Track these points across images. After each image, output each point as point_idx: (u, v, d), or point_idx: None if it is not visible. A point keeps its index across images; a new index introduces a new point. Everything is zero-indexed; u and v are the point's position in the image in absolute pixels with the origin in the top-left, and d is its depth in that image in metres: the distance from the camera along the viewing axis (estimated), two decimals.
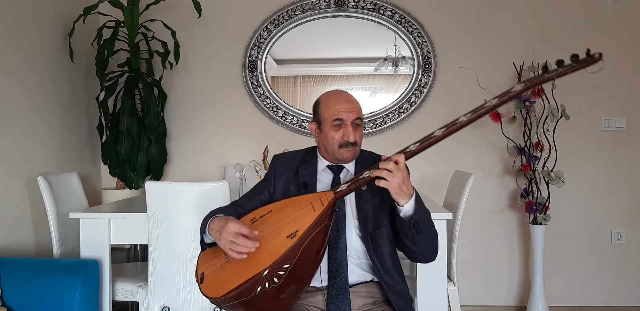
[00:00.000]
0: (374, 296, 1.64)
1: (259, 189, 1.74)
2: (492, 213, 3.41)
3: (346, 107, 1.61)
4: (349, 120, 1.61)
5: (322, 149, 1.68)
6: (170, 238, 2.12)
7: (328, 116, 1.62)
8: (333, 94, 1.67)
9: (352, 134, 1.60)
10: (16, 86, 2.63)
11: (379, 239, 1.61)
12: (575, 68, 1.45)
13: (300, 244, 1.42)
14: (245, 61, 3.49)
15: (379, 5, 3.42)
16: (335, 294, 1.57)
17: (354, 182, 1.50)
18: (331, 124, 1.61)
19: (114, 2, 3.17)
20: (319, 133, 1.66)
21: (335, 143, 1.61)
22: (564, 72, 1.45)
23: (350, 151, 1.62)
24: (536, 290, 3.11)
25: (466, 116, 1.49)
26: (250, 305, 1.43)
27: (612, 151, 3.34)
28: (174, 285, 2.13)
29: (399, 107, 3.44)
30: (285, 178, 1.70)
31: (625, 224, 3.34)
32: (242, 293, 1.39)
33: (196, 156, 3.54)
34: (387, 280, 1.60)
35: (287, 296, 1.46)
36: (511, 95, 1.48)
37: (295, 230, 1.44)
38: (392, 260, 1.63)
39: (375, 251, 1.60)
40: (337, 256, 1.58)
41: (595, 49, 1.52)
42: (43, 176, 2.44)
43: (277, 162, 1.74)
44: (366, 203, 1.63)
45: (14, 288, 1.99)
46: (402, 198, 1.45)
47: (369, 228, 1.61)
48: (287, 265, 1.40)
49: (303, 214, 1.49)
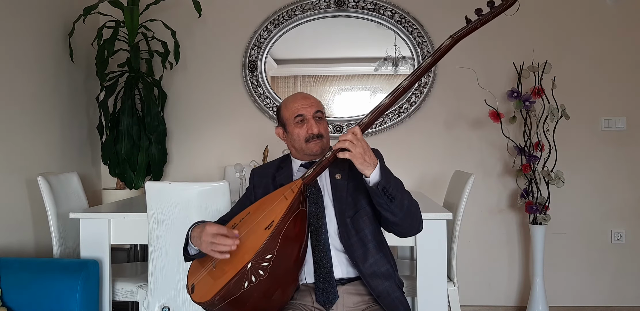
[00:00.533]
0: (363, 294, 1.65)
1: (242, 201, 1.79)
2: (492, 213, 3.41)
3: (304, 103, 1.67)
4: (309, 114, 1.66)
5: (292, 149, 1.73)
6: (170, 238, 2.12)
7: (289, 115, 1.68)
8: (290, 96, 1.74)
9: (316, 127, 1.65)
10: (16, 86, 2.63)
11: (360, 221, 1.63)
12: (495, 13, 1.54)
13: (278, 232, 1.44)
14: (245, 60, 3.49)
15: (379, 5, 3.42)
16: (322, 284, 1.59)
17: (318, 164, 1.55)
18: (294, 123, 1.66)
19: (114, 2, 3.17)
20: (286, 135, 1.72)
21: (301, 139, 1.66)
22: (485, 19, 1.53)
23: (318, 144, 1.66)
24: (536, 289, 3.11)
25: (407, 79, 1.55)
26: (241, 305, 1.43)
27: (612, 151, 3.34)
28: (174, 285, 2.13)
29: (399, 107, 3.44)
30: (264, 184, 1.74)
31: (626, 224, 3.34)
32: (230, 292, 1.40)
33: (196, 156, 3.54)
34: (370, 262, 1.61)
35: (277, 293, 1.47)
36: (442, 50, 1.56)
37: (272, 221, 1.47)
38: (376, 241, 1.65)
39: (358, 235, 1.62)
40: (320, 246, 1.60)
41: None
42: (43, 176, 2.44)
43: (255, 173, 1.81)
44: (343, 190, 1.66)
45: (14, 288, 1.99)
46: (367, 167, 1.47)
47: (349, 213, 1.63)
48: (269, 254, 1.41)
49: (277, 205, 1.52)
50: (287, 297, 1.55)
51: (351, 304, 1.63)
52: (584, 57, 3.35)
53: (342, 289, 1.62)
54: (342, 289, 1.62)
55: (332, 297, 1.59)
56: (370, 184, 1.49)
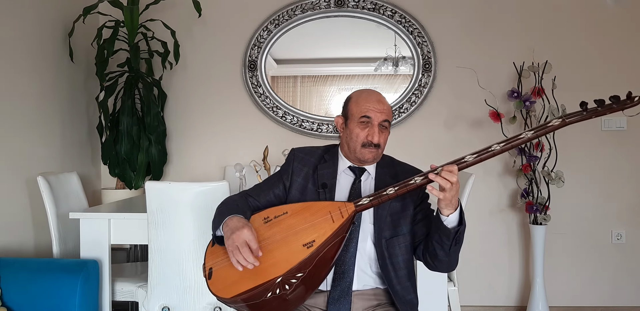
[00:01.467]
0: (379, 299, 1.63)
1: (274, 182, 1.69)
2: (493, 213, 3.41)
3: (377, 107, 1.59)
4: (377, 120, 1.58)
5: (345, 145, 1.64)
6: (170, 238, 2.12)
7: (356, 112, 1.59)
8: (365, 92, 1.65)
9: (377, 135, 1.57)
10: (16, 86, 2.63)
11: (396, 247, 1.59)
12: (614, 110, 1.45)
13: (316, 255, 1.41)
14: (245, 60, 3.49)
15: (379, 5, 3.41)
16: (337, 296, 1.56)
17: (376, 197, 1.48)
18: (358, 121, 1.58)
19: (114, 2, 3.17)
20: (344, 128, 1.64)
21: (358, 141, 1.58)
22: (602, 112, 1.45)
23: (373, 153, 1.58)
24: (536, 290, 3.11)
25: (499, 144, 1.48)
26: (258, 308, 1.43)
27: (613, 151, 3.34)
28: (174, 285, 2.13)
29: (399, 107, 3.44)
30: (304, 175, 1.65)
31: (626, 224, 3.34)
32: (252, 297, 1.39)
33: (196, 156, 3.54)
34: (398, 289, 1.59)
35: (294, 300, 1.46)
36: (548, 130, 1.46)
37: (313, 240, 1.43)
38: (407, 269, 1.61)
39: (390, 259, 1.58)
40: (345, 260, 1.56)
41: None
42: (43, 176, 2.44)
43: (296, 157, 1.69)
44: (385, 209, 1.59)
45: (14, 288, 1.99)
46: (449, 208, 1.43)
47: (385, 235, 1.58)
48: (301, 274, 1.40)
49: (321, 223, 1.46)
50: (302, 302, 1.53)
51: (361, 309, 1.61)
52: (584, 57, 3.35)
53: (355, 293, 1.59)
54: (355, 293, 1.59)
55: None
56: (445, 223, 1.45)
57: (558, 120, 1.45)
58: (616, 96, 1.45)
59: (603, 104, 1.44)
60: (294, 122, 3.48)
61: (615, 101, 1.44)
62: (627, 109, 1.44)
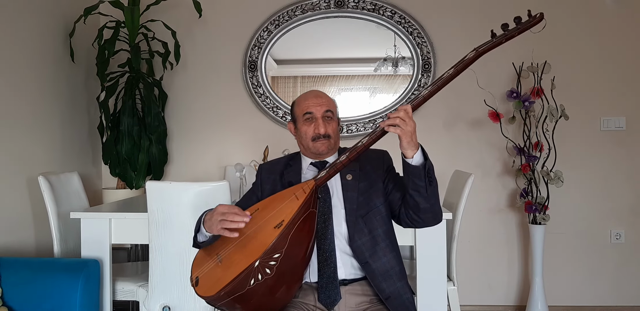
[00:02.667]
0: (369, 295, 1.65)
1: (248, 196, 1.79)
2: (492, 213, 3.41)
3: (315, 102, 1.68)
4: (319, 113, 1.67)
5: (301, 146, 1.74)
6: (170, 237, 2.12)
7: (299, 112, 1.70)
8: (304, 93, 1.76)
9: (323, 127, 1.65)
10: (17, 86, 2.64)
11: (373, 220, 1.64)
12: (520, 29, 1.52)
13: (287, 232, 1.44)
14: (246, 61, 3.49)
15: (379, 6, 3.42)
16: (325, 283, 1.59)
17: (332, 167, 1.55)
18: (303, 120, 1.69)
19: (115, 2, 3.17)
20: (297, 132, 1.74)
21: (308, 137, 1.67)
22: (510, 34, 1.52)
23: (325, 144, 1.66)
24: (536, 289, 3.11)
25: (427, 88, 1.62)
26: (246, 301, 1.43)
27: (612, 151, 3.35)
28: (175, 285, 2.14)
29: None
30: (272, 181, 1.74)
31: (625, 224, 3.35)
32: (235, 288, 1.40)
33: (196, 156, 3.55)
34: (375, 266, 1.60)
35: (282, 291, 1.47)
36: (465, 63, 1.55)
37: (282, 220, 1.47)
38: (389, 239, 1.65)
39: (371, 233, 1.62)
40: (325, 246, 1.60)
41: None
42: (44, 176, 2.44)
43: (263, 169, 1.81)
44: (354, 191, 1.66)
45: (14, 287, 1.99)
46: (412, 148, 1.47)
47: (360, 213, 1.63)
48: (277, 254, 1.41)
49: (287, 204, 1.51)
50: (291, 295, 1.56)
51: (354, 304, 1.63)
52: (583, 57, 3.36)
53: (345, 289, 1.62)
54: (345, 289, 1.62)
55: (334, 297, 1.59)
56: (413, 164, 1.48)
57: (472, 52, 1.54)
58: (519, 17, 1.53)
59: (507, 27, 1.52)
60: None
61: (519, 21, 1.53)
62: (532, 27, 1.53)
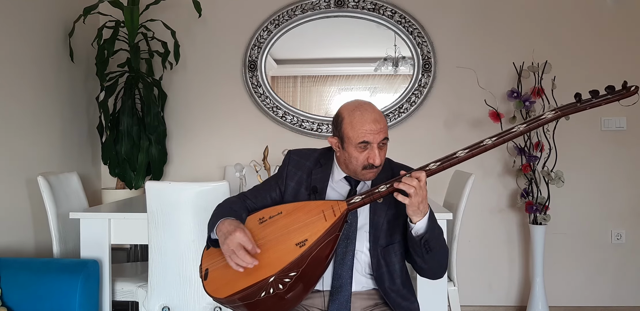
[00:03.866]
0: (375, 299, 1.63)
1: (270, 185, 1.68)
2: (492, 213, 3.41)
3: (373, 129, 1.48)
4: (376, 142, 1.49)
5: (342, 164, 1.59)
6: (170, 238, 2.12)
7: (353, 136, 1.49)
8: (358, 111, 1.51)
9: (378, 158, 1.50)
10: (16, 86, 2.63)
11: (392, 255, 1.58)
12: (610, 100, 1.40)
13: (308, 253, 1.41)
14: (245, 61, 3.49)
15: (379, 5, 3.41)
16: (337, 309, 1.56)
17: (369, 195, 1.47)
18: (356, 145, 1.49)
19: (114, 2, 3.17)
20: (341, 150, 1.56)
21: (359, 164, 1.52)
22: (597, 103, 1.41)
23: (373, 172, 1.54)
24: (536, 290, 3.11)
25: (491, 139, 1.46)
26: (253, 307, 1.43)
27: (612, 151, 3.34)
28: (174, 285, 2.13)
29: (399, 107, 3.44)
30: (297, 179, 1.64)
31: (625, 224, 3.34)
32: (245, 297, 1.39)
33: (196, 156, 3.54)
34: (393, 296, 1.58)
35: (290, 300, 1.46)
36: (540, 122, 1.43)
37: (305, 239, 1.43)
38: (403, 277, 1.61)
39: (388, 267, 1.58)
40: (342, 273, 1.55)
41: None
42: (43, 176, 2.44)
43: (291, 160, 1.67)
44: (381, 216, 1.58)
45: (14, 288, 1.99)
46: (417, 215, 1.43)
47: (381, 243, 1.58)
48: (294, 273, 1.40)
49: (314, 222, 1.46)
50: (299, 302, 1.53)
51: (359, 309, 1.61)
52: (583, 57, 3.35)
53: (352, 294, 1.59)
54: (352, 294, 1.59)
55: None
56: (412, 231, 1.45)
57: (551, 112, 1.43)
58: (611, 86, 1.40)
59: (597, 95, 1.41)
60: (294, 122, 3.48)
61: (610, 91, 1.40)
62: (623, 99, 1.40)
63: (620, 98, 1.40)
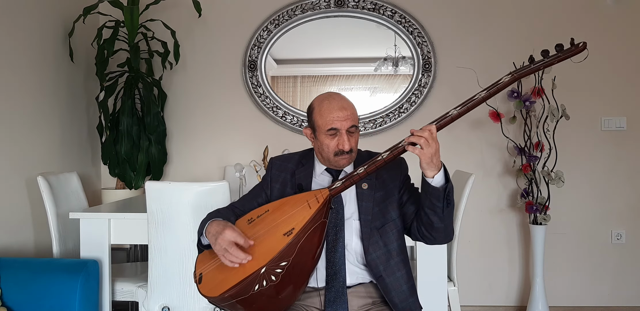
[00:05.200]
0: (372, 297, 1.64)
1: (256, 192, 1.74)
2: (492, 213, 3.40)
3: (340, 116, 1.56)
4: (344, 129, 1.56)
5: (318, 154, 1.67)
6: (170, 238, 2.12)
7: (322, 124, 1.57)
8: (326, 100, 1.60)
9: (347, 143, 1.56)
10: (16, 86, 2.63)
11: (389, 234, 1.60)
12: (561, 57, 1.46)
13: (297, 241, 1.42)
14: (245, 60, 3.49)
15: (379, 5, 3.41)
16: (333, 298, 1.56)
17: (348, 178, 1.51)
18: (325, 133, 1.57)
19: (114, 2, 3.17)
20: (314, 139, 1.64)
21: (330, 151, 1.58)
22: (549, 62, 1.46)
23: (346, 159, 1.60)
24: (536, 290, 3.11)
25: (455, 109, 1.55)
26: (249, 304, 1.43)
27: (612, 151, 3.34)
28: (174, 285, 2.13)
29: (399, 107, 3.44)
30: (282, 180, 1.70)
31: (626, 224, 3.34)
32: (239, 292, 1.39)
33: (196, 156, 3.54)
34: (388, 281, 1.59)
35: (285, 295, 1.46)
36: (499, 86, 1.49)
37: (292, 228, 1.45)
38: (403, 254, 1.63)
39: (387, 246, 1.59)
40: (336, 260, 1.57)
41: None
42: (43, 176, 2.44)
43: (274, 165, 1.74)
44: (369, 201, 1.61)
45: (14, 288, 1.99)
46: (432, 168, 1.46)
47: (376, 225, 1.60)
48: (284, 262, 1.40)
49: (299, 212, 1.49)
50: (294, 298, 1.54)
51: (356, 307, 1.61)
52: (583, 57, 3.34)
53: (349, 291, 1.60)
54: (349, 291, 1.60)
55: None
56: (433, 184, 1.46)
57: (508, 76, 1.48)
58: (560, 44, 1.46)
59: (548, 54, 1.46)
60: (294, 122, 3.48)
61: (560, 49, 1.46)
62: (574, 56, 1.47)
63: (571, 55, 1.46)
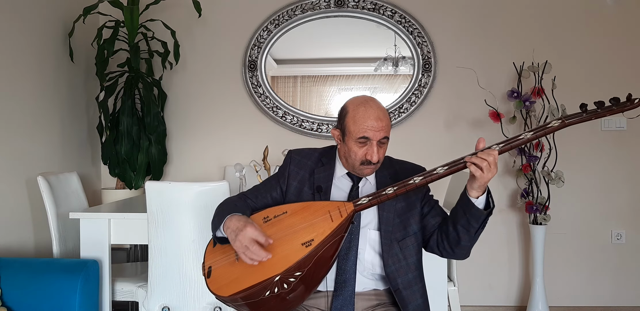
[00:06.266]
0: (379, 299, 1.62)
1: (271, 185, 1.67)
2: (493, 213, 3.39)
3: (375, 126, 1.50)
4: (376, 139, 1.51)
5: (342, 158, 1.61)
6: (170, 238, 2.12)
7: (354, 131, 1.51)
8: (362, 106, 1.53)
9: (376, 155, 1.51)
10: (16, 86, 2.63)
11: (410, 247, 1.58)
12: (614, 111, 1.44)
13: (314, 254, 1.41)
14: (245, 60, 3.49)
15: (379, 5, 3.41)
16: (340, 305, 1.55)
17: (376, 197, 1.47)
18: (356, 140, 1.51)
19: (114, 2, 3.16)
20: (341, 143, 1.58)
21: (357, 159, 1.54)
22: (602, 114, 1.44)
23: (371, 168, 1.56)
24: (536, 290, 3.11)
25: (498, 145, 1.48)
26: (257, 307, 1.43)
27: (612, 151, 3.34)
28: (174, 285, 2.13)
29: (399, 107, 3.44)
30: (300, 178, 1.64)
31: (626, 224, 3.34)
32: (250, 295, 1.39)
33: (196, 156, 3.54)
34: (404, 294, 1.57)
35: (294, 300, 1.46)
36: (547, 131, 1.45)
37: (311, 239, 1.42)
38: (419, 270, 1.61)
39: (406, 260, 1.57)
40: (347, 268, 1.55)
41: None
42: (43, 176, 2.44)
43: (293, 160, 1.67)
44: (390, 211, 1.58)
45: (14, 288, 1.99)
46: (479, 191, 1.44)
47: (397, 237, 1.57)
48: (299, 272, 1.39)
49: (320, 222, 1.46)
50: (301, 302, 1.53)
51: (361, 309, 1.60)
52: (584, 57, 3.35)
53: (356, 294, 1.58)
54: (356, 294, 1.58)
55: None
56: (477, 206, 1.45)
57: (557, 121, 1.45)
58: (616, 98, 1.44)
59: (603, 106, 1.44)
60: (294, 122, 3.48)
61: (615, 103, 1.44)
62: (627, 111, 1.45)
63: (623, 110, 1.44)
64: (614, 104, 1.44)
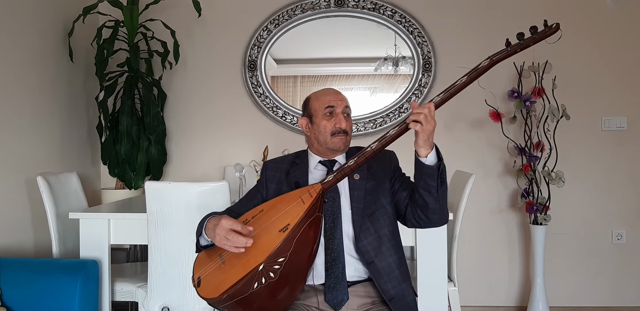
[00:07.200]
0: (372, 296, 1.65)
1: (252, 194, 1.77)
2: (493, 213, 3.40)
3: (335, 97, 1.69)
4: (340, 108, 1.67)
5: (314, 142, 1.72)
6: (169, 238, 2.11)
7: (319, 106, 1.68)
8: (321, 90, 1.75)
9: (344, 122, 1.66)
10: (16, 85, 2.63)
11: (380, 220, 1.64)
12: (536, 39, 1.52)
13: (292, 236, 1.44)
14: (245, 60, 3.48)
15: (379, 5, 3.41)
16: (333, 284, 1.58)
17: (339, 171, 1.55)
18: (323, 114, 1.66)
19: (114, 1, 3.16)
20: (310, 127, 1.71)
21: (327, 132, 1.66)
22: (525, 44, 1.52)
23: (343, 139, 1.66)
24: (537, 290, 3.11)
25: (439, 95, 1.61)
26: (248, 304, 1.43)
27: (613, 151, 3.34)
28: (174, 285, 2.13)
29: (399, 107, 3.43)
30: (277, 180, 1.73)
31: (626, 224, 3.34)
32: (239, 291, 1.39)
33: (196, 156, 3.54)
34: (381, 266, 1.61)
35: (284, 294, 1.47)
36: (479, 71, 1.56)
37: (287, 224, 1.46)
38: (395, 240, 1.65)
39: (377, 232, 1.62)
40: (334, 246, 1.59)
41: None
42: (42, 176, 2.43)
43: (268, 167, 1.79)
44: (361, 190, 1.66)
45: (13, 288, 1.99)
46: (427, 147, 1.51)
47: (367, 212, 1.63)
48: (282, 258, 1.41)
49: (293, 208, 1.51)
50: (294, 297, 1.55)
51: (356, 306, 1.62)
52: (584, 56, 3.35)
53: (349, 290, 1.61)
54: (349, 290, 1.61)
55: (342, 298, 1.58)
56: (427, 163, 1.51)
57: (486, 60, 1.56)
58: (534, 26, 1.52)
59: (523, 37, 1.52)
60: (294, 122, 3.48)
61: (534, 31, 1.52)
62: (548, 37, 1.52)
63: (545, 36, 1.52)
64: (534, 32, 1.52)
